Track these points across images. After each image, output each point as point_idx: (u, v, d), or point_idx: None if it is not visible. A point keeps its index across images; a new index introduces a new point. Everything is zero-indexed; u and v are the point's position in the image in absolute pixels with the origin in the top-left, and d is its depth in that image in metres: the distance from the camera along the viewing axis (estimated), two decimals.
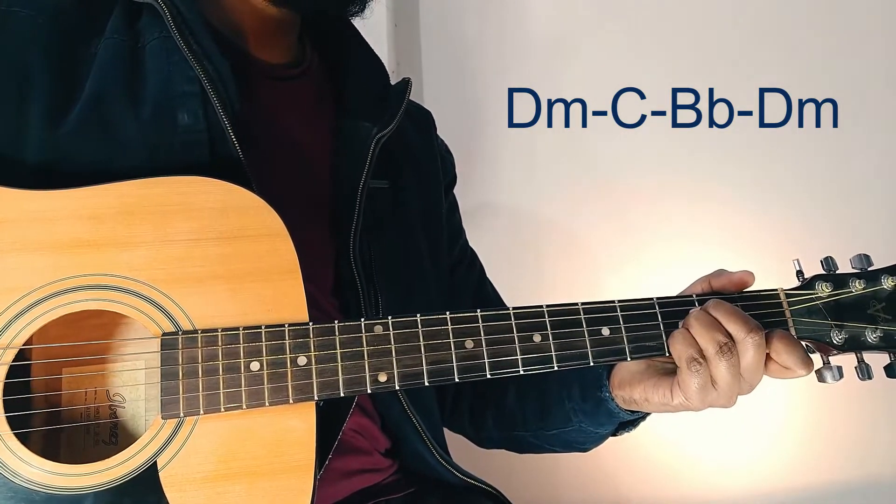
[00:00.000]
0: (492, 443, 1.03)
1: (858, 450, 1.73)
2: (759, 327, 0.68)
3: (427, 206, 0.96)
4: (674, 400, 0.72)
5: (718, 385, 0.68)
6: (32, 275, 0.62)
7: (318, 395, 0.64)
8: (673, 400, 0.72)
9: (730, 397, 0.69)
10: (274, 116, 0.85)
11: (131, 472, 0.61)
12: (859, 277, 0.74)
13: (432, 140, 1.03)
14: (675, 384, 0.71)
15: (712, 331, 0.68)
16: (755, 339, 0.67)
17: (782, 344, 0.69)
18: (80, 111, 0.71)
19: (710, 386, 0.68)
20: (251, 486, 0.63)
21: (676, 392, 0.71)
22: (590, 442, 0.92)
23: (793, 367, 0.69)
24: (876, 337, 0.72)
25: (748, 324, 0.68)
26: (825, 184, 1.70)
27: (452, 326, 0.68)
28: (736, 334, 0.68)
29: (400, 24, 1.58)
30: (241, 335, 0.64)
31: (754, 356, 0.68)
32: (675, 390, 0.71)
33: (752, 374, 0.69)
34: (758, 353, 0.68)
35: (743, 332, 0.67)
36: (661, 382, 0.73)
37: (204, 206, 0.66)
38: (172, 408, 0.62)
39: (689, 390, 0.69)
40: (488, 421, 0.99)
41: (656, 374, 0.75)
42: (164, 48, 0.74)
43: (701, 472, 1.69)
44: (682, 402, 0.71)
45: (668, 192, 1.66)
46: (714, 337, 0.68)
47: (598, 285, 1.65)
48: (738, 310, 0.69)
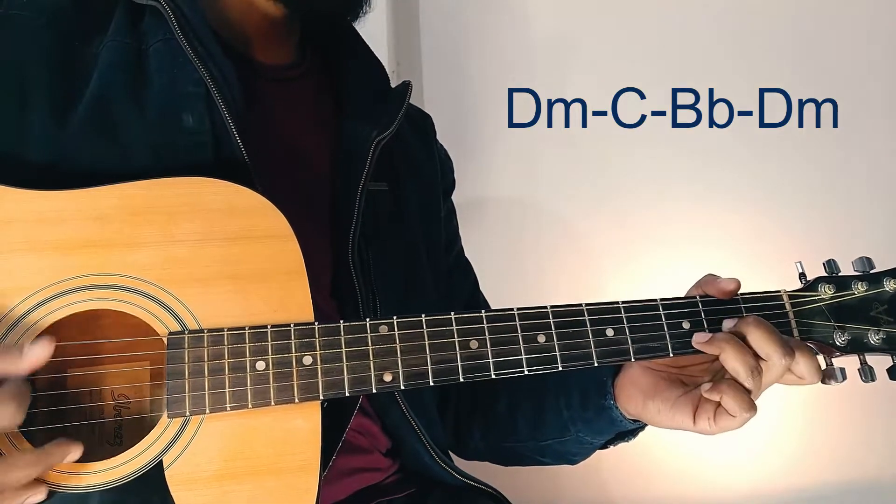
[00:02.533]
0: (475, 454, 1.02)
1: (858, 450, 1.73)
2: (792, 351, 0.69)
3: (426, 209, 0.96)
4: (697, 426, 0.72)
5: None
6: (39, 274, 0.63)
7: (324, 394, 0.65)
8: (696, 426, 0.72)
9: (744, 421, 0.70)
10: (274, 118, 0.85)
11: (137, 471, 0.62)
12: (861, 280, 0.74)
13: (432, 144, 1.03)
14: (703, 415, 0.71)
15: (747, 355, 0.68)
16: (787, 362, 0.68)
17: (801, 356, 0.69)
18: (84, 112, 0.71)
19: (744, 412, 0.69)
20: (256, 485, 0.63)
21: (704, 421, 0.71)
22: (582, 454, 0.91)
23: (807, 377, 0.70)
24: (879, 339, 0.72)
25: (785, 346, 0.68)
26: (825, 184, 1.70)
27: (457, 326, 0.68)
28: (771, 356, 0.68)
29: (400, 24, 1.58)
30: (247, 335, 0.64)
31: (779, 375, 0.69)
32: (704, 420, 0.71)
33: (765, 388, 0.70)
34: (783, 373, 0.69)
35: (778, 355, 0.68)
36: (680, 406, 0.73)
37: (210, 206, 0.66)
38: (178, 407, 0.63)
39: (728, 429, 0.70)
40: (475, 431, 0.98)
41: (668, 388, 0.75)
42: (168, 50, 0.74)
43: (701, 472, 1.69)
44: (707, 430, 0.72)
45: (668, 193, 1.66)
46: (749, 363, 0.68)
47: (599, 285, 1.65)
48: (776, 330, 0.70)
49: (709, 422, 0.70)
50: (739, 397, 0.68)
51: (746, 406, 0.68)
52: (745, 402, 0.68)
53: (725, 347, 0.69)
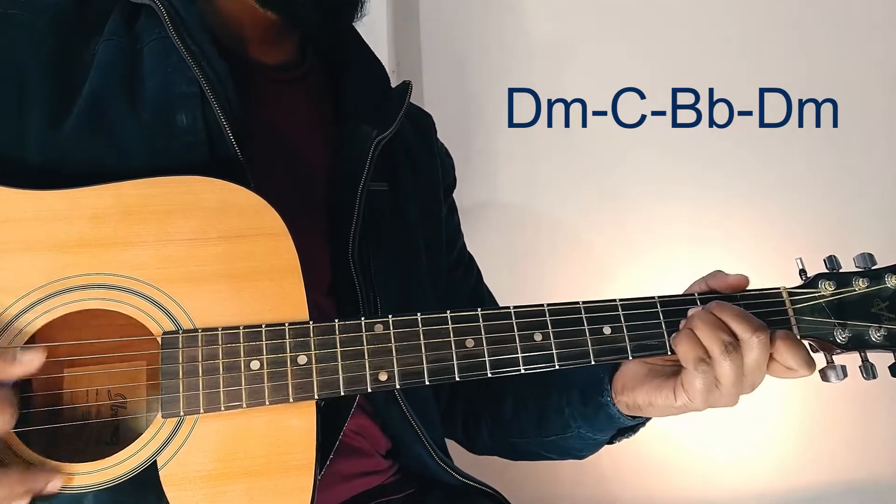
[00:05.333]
0: (485, 450, 1.03)
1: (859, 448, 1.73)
2: (763, 327, 0.68)
3: (426, 208, 0.96)
4: (677, 401, 0.72)
5: (722, 385, 0.68)
6: (34, 274, 0.62)
7: (319, 393, 0.64)
8: (677, 401, 0.72)
9: (733, 397, 0.69)
10: (272, 118, 0.85)
11: (131, 471, 0.61)
12: (863, 276, 0.74)
13: (432, 143, 1.03)
14: (678, 385, 0.71)
15: (717, 330, 0.68)
16: (760, 338, 0.67)
17: (785, 344, 0.69)
18: (79, 112, 0.71)
19: (714, 386, 0.68)
20: (251, 485, 0.63)
21: (680, 393, 0.71)
22: (587, 449, 0.91)
23: (796, 368, 0.69)
24: (880, 336, 0.71)
25: (753, 323, 0.68)
26: (825, 184, 1.70)
27: (453, 325, 0.68)
28: (741, 334, 0.68)
29: (400, 24, 1.58)
30: (242, 334, 0.64)
31: (759, 355, 0.68)
32: (679, 391, 0.71)
33: (755, 374, 0.69)
34: (762, 352, 0.68)
35: (748, 332, 0.67)
36: (665, 384, 0.73)
37: (205, 205, 0.66)
38: (172, 407, 0.62)
39: (693, 391, 0.69)
40: (483, 431, 0.98)
41: (659, 376, 0.75)
42: (162, 49, 0.74)
43: (701, 471, 1.69)
44: (685, 402, 0.71)
45: (668, 193, 1.66)
46: (719, 336, 0.67)
47: (598, 285, 1.65)
48: (743, 310, 0.69)
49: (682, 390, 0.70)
50: (689, 348, 0.68)
51: (697, 355, 0.67)
52: (694, 352, 0.68)
53: (698, 325, 0.69)
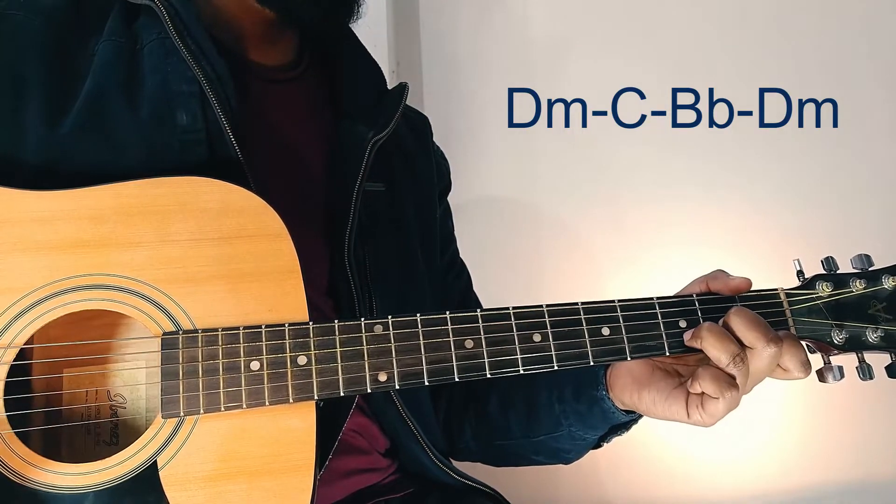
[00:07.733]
0: (467, 454, 1.00)
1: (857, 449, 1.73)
2: (778, 339, 0.68)
3: (422, 209, 0.96)
4: (691, 418, 0.70)
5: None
6: (33, 275, 0.62)
7: (318, 394, 0.64)
8: (690, 418, 0.71)
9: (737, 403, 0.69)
10: (270, 118, 0.85)
11: (131, 472, 0.61)
12: (860, 277, 0.74)
13: (429, 145, 1.03)
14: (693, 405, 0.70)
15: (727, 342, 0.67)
16: (772, 350, 0.67)
17: (788, 347, 0.68)
18: (78, 112, 0.71)
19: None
20: (251, 485, 0.63)
21: (695, 412, 0.70)
22: (575, 451, 0.91)
23: (792, 370, 0.69)
24: (877, 337, 0.71)
25: (769, 334, 0.67)
26: (825, 184, 1.70)
27: (452, 326, 0.67)
28: (755, 343, 0.67)
29: (400, 24, 1.58)
30: (242, 335, 0.64)
31: (768, 365, 0.68)
32: (695, 411, 0.70)
33: (756, 381, 0.69)
34: (772, 362, 0.68)
35: (762, 343, 0.67)
36: (674, 397, 0.72)
37: (204, 206, 0.66)
38: (172, 407, 0.62)
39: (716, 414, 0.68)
40: (466, 430, 0.97)
41: (663, 378, 0.74)
42: (162, 49, 0.74)
43: (700, 471, 1.69)
44: (700, 421, 0.70)
45: (667, 193, 1.66)
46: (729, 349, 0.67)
47: (598, 285, 1.65)
48: (760, 319, 0.69)
49: (699, 411, 0.69)
50: (717, 377, 0.67)
51: (726, 384, 0.66)
52: (723, 381, 0.66)
53: (706, 336, 0.68)
